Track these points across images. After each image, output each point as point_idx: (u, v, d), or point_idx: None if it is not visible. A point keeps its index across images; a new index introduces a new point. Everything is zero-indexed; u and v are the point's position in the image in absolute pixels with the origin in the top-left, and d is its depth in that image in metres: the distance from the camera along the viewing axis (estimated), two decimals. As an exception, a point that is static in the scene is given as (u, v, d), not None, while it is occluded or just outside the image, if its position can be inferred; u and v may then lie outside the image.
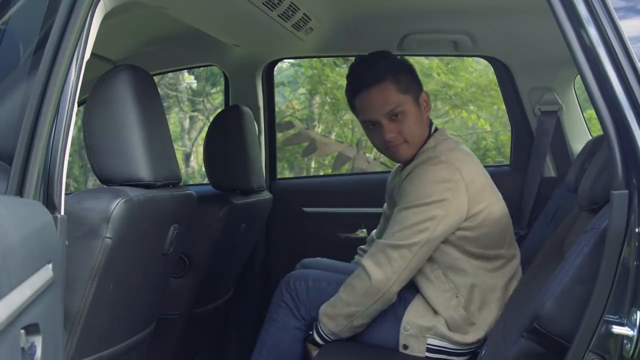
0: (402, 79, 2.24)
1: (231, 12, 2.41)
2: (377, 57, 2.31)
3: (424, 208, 2.12)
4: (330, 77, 8.58)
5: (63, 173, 1.53)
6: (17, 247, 1.16)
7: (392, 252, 2.13)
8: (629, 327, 1.35)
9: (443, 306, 2.19)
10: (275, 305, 2.38)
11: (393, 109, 2.22)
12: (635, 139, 1.43)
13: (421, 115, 2.27)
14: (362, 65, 2.31)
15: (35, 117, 1.49)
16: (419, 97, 2.27)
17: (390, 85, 2.23)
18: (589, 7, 1.49)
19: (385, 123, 2.24)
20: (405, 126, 2.24)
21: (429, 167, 2.16)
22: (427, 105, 2.29)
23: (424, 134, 2.28)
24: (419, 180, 2.15)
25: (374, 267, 2.14)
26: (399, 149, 2.27)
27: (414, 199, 2.14)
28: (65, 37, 1.52)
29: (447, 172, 2.14)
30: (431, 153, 2.21)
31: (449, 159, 2.16)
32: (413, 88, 2.26)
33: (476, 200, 2.16)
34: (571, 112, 3.04)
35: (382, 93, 2.23)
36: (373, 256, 2.16)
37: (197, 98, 9.73)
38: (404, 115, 2.23)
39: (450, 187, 2.12)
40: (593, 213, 1.70)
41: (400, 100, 2.23)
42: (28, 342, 1.21)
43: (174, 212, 2.07)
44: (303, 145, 8.54)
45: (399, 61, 2.31)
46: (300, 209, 3.21)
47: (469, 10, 2.73)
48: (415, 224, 2.12)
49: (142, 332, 2.10)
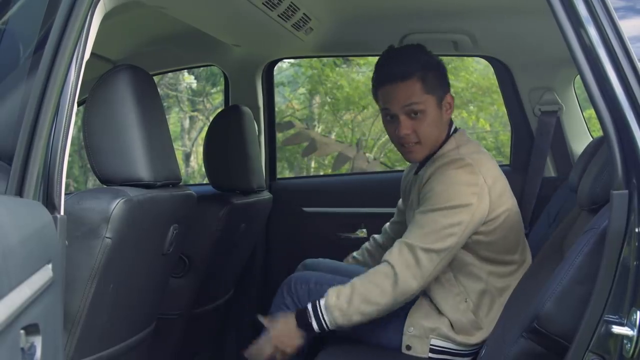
0: (429, 79, 2.22)
1: (231, 12, 2.41)
2: (410, 53, 2.28)
3: (451, 212, 2.09)
4: (330, 77, 8.58)
5: (63, 173, 1.52)
6: (17, 247, 1.16)
7: (422, 254, 2.09)
8: (629, 327, 1.35)
9: (451, 309, 2.18)
10: (276, 308, 2.37)
11: (413, 107, 2.21)
12: (635, 139, 1.43)
13: (441, 117, 2.25)
14: (394, 57, 2.28)
15: (35, 117, 1.49)
16: (443, 99, 2.25)
17: (416, 83, 2.21)
18: (589, 7, 1.49)
19: (402, 118, 2.23)
20: (422, 126, 2.22)
21: (456, 169, 2.13)
22: (450, 108, 2.27)
23: (440, 136, 2.26)
24: (445, 183, 2.12)
25: (404, 268, 2.09)
26: (412, 149, 2.26)
27: (441, 201, 2.10)
28: (65, 37, 1.52)
29: (472, 176, 2.12)
30: (455, 155, 2.19)
31: (474, 162, 2.15)
32: (439, 89, 2.24)
33: (496, 205, 2.15)
34: (571, 112, 3.04)
35: (407, 90, 2.21)
36: (401, 256, 2.10)
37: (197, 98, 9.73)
38: (423, 114, 2.22)
39: (475, 191, 2.11)
40: (593, 213, 1.70)
41: (422, 99, 2.21)
42: (28, 343, 1.21)
43: (174, 212, 2.07)
44: (303, 145, 8.54)
45: (431, 60, 2.27)
46: (300, 209, 3.21)
47: (469, 10, 2.73)
48: (444, 227, 2.09)
49: (142, 332, 2.10)
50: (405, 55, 2.28)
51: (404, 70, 2.21)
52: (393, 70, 2.23)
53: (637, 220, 1.40)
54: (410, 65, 2.22)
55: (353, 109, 8.81)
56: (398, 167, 8.78)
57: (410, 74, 2.21)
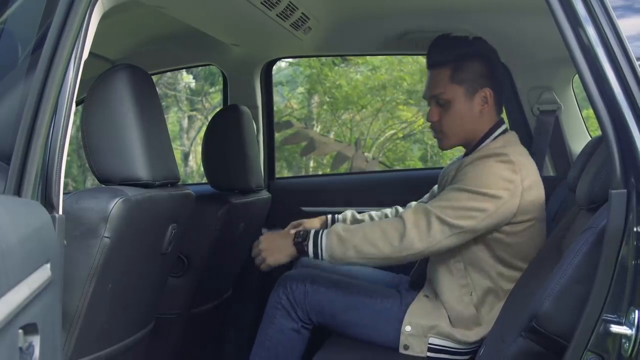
0: (464, 69, 2.22)
1: (230, 12, 2.41)
2: (452, 43, 2.28)
3: (478, 196, 2.08)
4: (329, 76, 8.59)
5: (61, 172, 1.52)
6: (16, 247, 1.16)
7: (435, 222, 2.08)
8: (628, 326, 1.35)
9: (455, 300, 2.18)
10: (272, 307, 2.36)
11: (438, 95, 2.24)
12: (634, 138, 1.44)
13: (471, 110, 2.24)
14: (438, 43, 2.29)
15: (34, 116, 1.49)
16: (476, 92, 2.24)
17: (446, 72, 2.23)
18: (587, 7, 1.49)
19: (431, 104, 2.28)
20: (447, 116, 2.24)
21: (496, 162, 2.13)
22: (486, 102, 2.25)
23: (474, 129, 2.26)
24: (482, 169, 2.12)
25: (413, 227, 2.09)
26: (438, 137, 2.31)
27: (472, 184, 2.10)
28: (64, 36, 1.52)
29: (510, 173, 2.11)
30: (499, 149, 2.18)
31: (517, 162, 2.14)
32: (472, 81, 2.23)
33: (525, 210, 2.14)
34: (570, 112, 3.04)
35: (437, 77, 2.25)
36: (416, 215, 2.10)
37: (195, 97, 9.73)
38: (448, 104, 2.24)
39: (509, 187, 2.10)
40: (591, 212, 1.70)
41: (448, 89, 2.23)
42: (26, 342, 1.21)
43: (173, 212, 2.07)
44: (301, 144, 8.54)
45: (473, 51, 2.26)
46: (298, 209, 3.21)
47: (468, 9, 2.73)
48: (466, 208, 2.08)
49: (140, 331, 2.10)
50: (446, 43, 2.28)
51: (439, 57, 2.25)
52: (429, 58, 2.29)
53: (636, 219, 1.40)
54: (445, 53, 2.24)
55: (352, 108, 8.82)
56: (397, 166, 8.79)
57: (444, 61, 2.24)
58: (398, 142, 9.06)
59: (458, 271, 2.19)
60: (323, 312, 2.31)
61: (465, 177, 2.13)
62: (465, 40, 2.29)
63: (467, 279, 2.19)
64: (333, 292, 2.30)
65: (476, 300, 2.18)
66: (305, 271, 2.46)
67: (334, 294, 2.30)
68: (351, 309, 2.29)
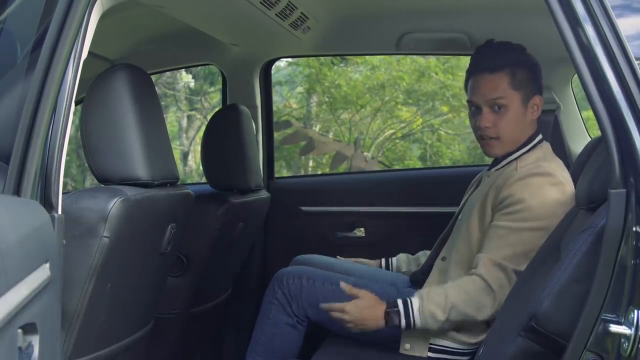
0: (519, 75, 2.24)
1: (229, 11, 2.41)
2: (506, 48, 2.29)
3: (544, 234, 2.05)
4: (328, 76, 8.59)
5: (60, 172, 1.52)
6: (15, 247, 1.16)
7: (513, 274, 2.07)
8: (627, 326, 1.35)
9: None
10: (267, 302, 2.36)
11: (497, 99, 2.23)
12: (633, 138, 1.44)
13: (524, 116, 2.25)
14: (490, 49, 2.30)
15: (33, 116, 1.49)
16: (530, 99, 2.25)
17: (505, 77, 2.23)
18: (586, 6, 1.49)
19: (485, 110, 2.25)
20: (503, 121, 2.24)
21: (550, 187, 2.12)
22: (537, 110, 2.26)
23: (521, 136, 2.26)
24: (537, 197, 2.10)
25: (499, 287, 2.07)
26: (490, 144, 2.28)
27: (535, 218, 2.08)
28: (63, 35, 1.52)
29: (562, 195, 2.11)
30: (547, 168, 2.17)
31: (564, 181, 2.14)
32: (527, 88, 2.25)
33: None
34: (569, 111, 3.04)
35: (494, 81, 2.24)
36: (493, 274, 2.08)
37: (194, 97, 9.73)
38: (505, 109, 2.23)
39: (565, 211, 2.07)
40: (591, 212, 1.70)
41: (507, 94, 2.23)
42: (25, 342, 1.21)
43: (172, 211, 2.07)
44: (301, 144, 8.54)
45: (524, 59, 2.28)
46: (298, 208, 3.21)
47: (467, 9, 2.73)
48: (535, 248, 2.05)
49: (139, 331, 2.10)
50: (500, 49, 2.29)
51: (494, 63, 2.24)
52: (484, 61, 2.27)
53: (635, 219, 1.40)
54: (502, 58, 2.25)
55: (351, 108, 8.82)
56: (396, 166, 8.80)
57: (500, 67, 2.24)
58: (397, 141, 9.06)
59: None
60: (319, 307, 2.30)
61: (523, 209, 2.10)
62: (517, 47, 2.30)
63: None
64: (329, 289, 2.30)
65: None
66: (301, 267, 2.46)
67: (330, 290, 2.30)
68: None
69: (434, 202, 3.03)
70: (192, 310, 2.63)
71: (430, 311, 2.10)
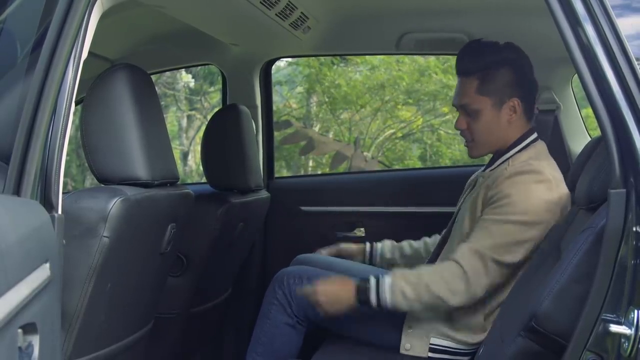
0: (491, 80, 2.20)
1: (229, 11, 2.41)
2: (480, 49, 2.26)
3: (525, 227, 2.07)
4: (328, 76, 8.58)
5: (60, 172, 1.52)
6: (15, 247, 1.16)
7: (492, 265, 2.07)
8: (627, 325, 1.35)
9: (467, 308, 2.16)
10: (268, 302, 2.36)
11: (465, 105, 2.24)
12: (633, 138, 1.44)
13: (499, 120, 2.22)
14: (467, 51, 2.29)
15: (33, 116, 1.49)
16: (504, 103, 2.22)
17: (473, 82, 2.22)
18: (587, 6, 1.49)
19: (459, 113, 2.28)
20: (475, 125, 2.24)
21: (536, 184, 2.11)
22: (514, 112, 2.22)
23: (503, 138, 2.24)
24: (524, 194, 2.09)
25: (475, 274, 2.07)
26: (469, 146, 2.30)
27: (517, 212, 2.08)
28: (63, 35, 1.52)
29: (550, 193, 2.10)
30: (536, 166, 2.16)
31: (553, 179, 2.13)
32: (500, 92, 2.21)
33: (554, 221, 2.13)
34: (569, 111, 3.04)
35: (464, 86, 2.24)
36: (472, 261, 2.08)
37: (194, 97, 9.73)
38: (477, 114, 2.23)
39: (550, 208, 2.09)
40: (591, 212, 1.70)
41: (474, 100, 2.22)
42: (25, 342, 1.21)
43: (172, 211, 2.07)
44: (301, 144, 8.54)
45: (502, 59, 2.23)
46: (298, 208, 3.21)
47: (466, 8, 2.73)
48: (516, 242, 2.07)
49: (139, 331, 2.10)
50: (475, 50, 2.27)
51: (468, 65, 2.24)
52: (460, 64, 2.28)
53: (635, 219, 1.40)
54: (474, 62, 2.23)
55: (351, 108, 8.82)
56: (396, 165, 8.80)
57: (471, 70, 2.23)
58: (397, 141, 9.06)
59: None
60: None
61: (507, 204, 2.10)
62: (495, 47, 2.26)
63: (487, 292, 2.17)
64: None
65: (488, 310, 2.17)
66: (302, 267, 2.46)
67: None
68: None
69: (434, 202, 3.03)
70: (192, 310, 2.63)
71: (401, 289, 2.10)
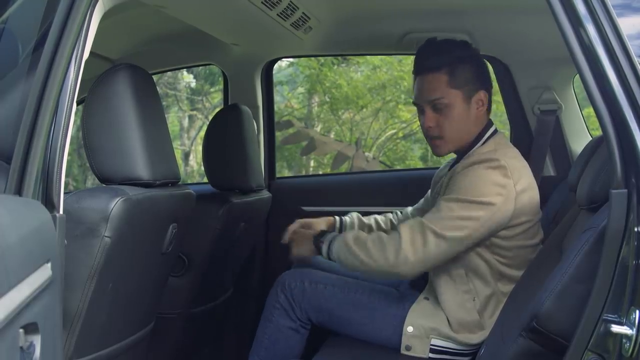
0: (459, 73, 2.22)
1: (230, 11, 2.41)
2: (443, 46, 2.27)
3: (471, 205, 2.08)
4: (329, 76, 8.59)
5: (62, 172, 1.52)
6: (16, 246, 1.16)
7: (431, 236, 2.08)
8: (628, 326, 1.35)
9: (457, 306, 2.18)
10: (270, 306, 2.35)
11: (437, 100, 2.23)
12: (634, 138, 1.44)
13: (468, 113, 2.24)
14: (428, 49, 2.29)
15: (34, 116, 1.49)
16: (473, 95, 2.24)
17: (443, 77, 2.22)
18: (588, 6, 1.49)
19: (427, 111, 2.26)
20: (446, 120, 2.23)
21: (487, 169, 2.12)
22: (482, 105, 2.25)
23: (469, 133, 2.26)
24: (472, 177, 2.11)
25: (409, 243, 2.09)
26: (435, 144, 2.28)
27: (463, 193, 2.10)
28: (64, 35, 1.52)
29: (502, 178, 2.10)
30: (489, 154, 2.17)
31: (509, 166, 2.13)
32: (469, 84, 2.23)
33: (520, 213, 2.13)
34: (570, 111, 3.04)
35: (433, 82, 2.23)
36: (412, 230, 2.10)
37: (196, 97, 9.74)
38: (447, 108, 2.22)
39: (501, 192, 2.09)
40: (592, 212, 1.70)
41: (447, 93, 2.22)
42: (27, 341, 1.21)
43: (173, 211, 2.07)
44: (302, 144, 8.55)
45: (465, 54, 2.26)
46: (299, 208, 3.21)
47: (468, 9, 2.73)
48: (459, 218, 2.08)
49: (140, 331, 2.10)
50: (437, 47, 2.28)
51: (433, 62, 2.23)
52: (423, 62, 2.27)
53: (636, 219, 1.40)
54: (439, 57, 2.23)
55: (352, 108, 8.82)
56: (397, 166, 8.80)
57: (438, 66, 2.22)
58: (398, 141, 9.06)
59: (460, 277, 2.19)
60: (321, 311, 2.31)
61: (457, 187, 2.12)
62: (457, 44, 2.28)
63: (469, 284, 2.18)
64: (331, 291, 2.30)
65: (479, 306, 2.18)
66: (304, 270, 2.46)
67: (332, 293, 2.30)
68: (350, 308, 2.29)
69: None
70: (193, 310, 2.63)
71: (345, 240, 2.20)
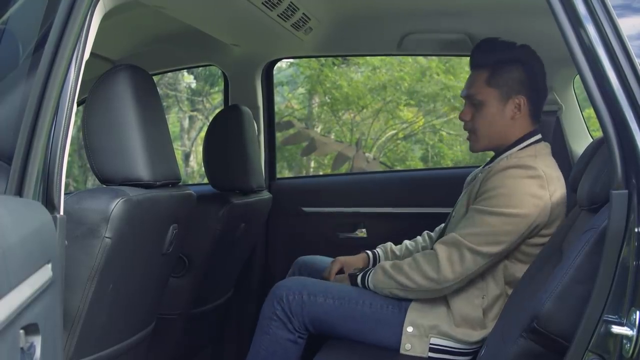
0: (501, 74, 2.26)
1: (230, 12, 2.41)
2: (496, 46, 2.32)
3: (507, 219, 2.09)
4: (329, 76, 8.59)
5: (62, 173, 1.52)
6: (17, 247, 1.16)
7: (468, 254, 2.10)
8: (628, 326, 1.35)
9: (465, 300, 2.18)
10: (267, 318, 2.30)
11: (472, 95, 2.30)
12: (635, 139, 1.44)
13: (503, 113, 2.27)
14: (481, 46, 2.35)
15: (35, 116, 1.49)
16: (510, 97, 2.26)
17: (483, 74, 2.28)
18: (588, 6, 1.49)
19: (465, 104, 2.34)
20: (479, 116, 2.29)
21: (524, 178, 2.13)
22: (519, 109, 2.26)
23: (504, 134, 2.28)
24: (511, 188, 2.12)
25: (446, 261, 2.12)
26: (470, 138, 2.35)
27: (502, 205, 2.10)
28: (65, 36, 1.52)
29: (539, 189, 2.12)
30: (530, 161, 2.18)
31: (546, 176, 2.14)
32: (508, 87, 2.26)
33: (552, 224, 2.15)
34: (570, 112, 3.04)
35: (474, 77, 2.31)
36: (448, 248, 2.13)
37: (196, 98, 9.74)
38: (481, 105, 2.28)
39: (538, 204, 2.10)
40: (593, 213, 1.70)
41: (483, 90, 2.28)
42: (27, 342, 1.21)
43: (174, 212, 2.07)
44: (302, 145, 8.55)
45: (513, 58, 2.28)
46: (299, 209, 3.21)
47: (468, 9, 2.73)
48: (498, 233, 2.09)
49: (141, 332, 2.10)
50: (489, 46, 2.34)
51: (481, 58, 2.31)
52: (472, 58, 2.35)
53: (637, 219, 1.40)
54: (486, 55, 2.30)
55: (352, 108, 8.82)
56: (397, 166, 8.80)
57: (484, 64, 2.30)
58: (399, 142, 9.06)
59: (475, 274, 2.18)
60: (322, 323, 2.28)
61: (494, 196, 2.12)
62: (508, 45, 2.32)
63: (483, 282, 2.19)
64: (331, 305, 2.27)
65: (486, 304, 2.18)
66: (300, 280, 2.40)
67: (332, 306, 2.27)
68: (350, 318, 2.27)
69: (435, 203, 3.03)
70: (194, 311, 2.63)
71: (382, 267, 2.26)
